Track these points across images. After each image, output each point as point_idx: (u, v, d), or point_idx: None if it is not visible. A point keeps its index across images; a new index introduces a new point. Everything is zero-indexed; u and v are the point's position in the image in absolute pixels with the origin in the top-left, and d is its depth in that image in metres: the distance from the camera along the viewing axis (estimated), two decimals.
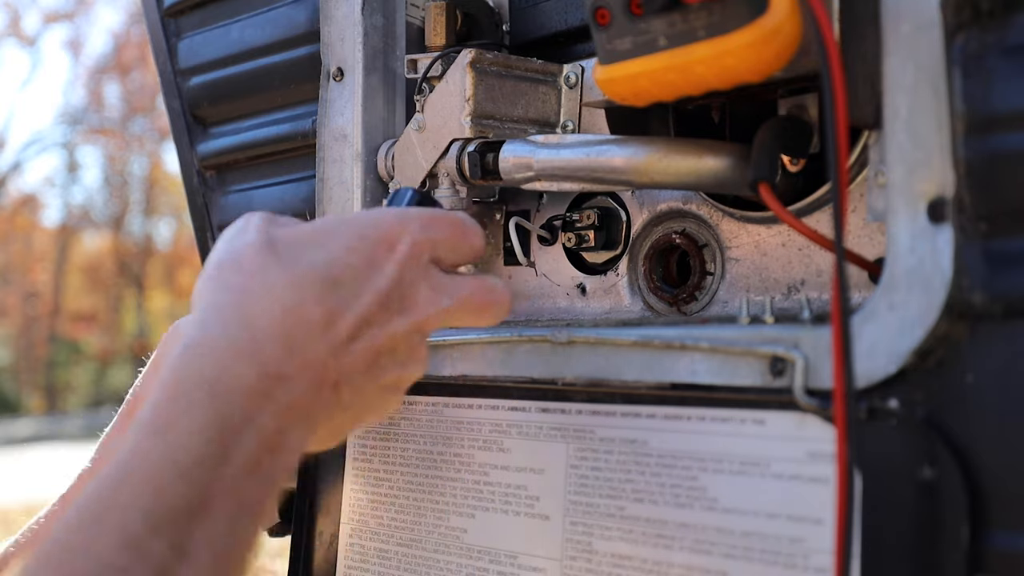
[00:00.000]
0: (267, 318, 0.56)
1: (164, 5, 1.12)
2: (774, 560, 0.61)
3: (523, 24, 0.90)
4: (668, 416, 0.68)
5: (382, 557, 0.85)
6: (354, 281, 0.59)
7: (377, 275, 0.60)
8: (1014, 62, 0.55)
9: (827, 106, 0.56)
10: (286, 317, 0.56)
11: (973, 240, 0.56)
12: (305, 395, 0.56)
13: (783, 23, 0.58)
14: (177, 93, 1.11)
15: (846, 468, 0.55)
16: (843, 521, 0.55)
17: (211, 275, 0.59)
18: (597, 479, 0.71)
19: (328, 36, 0.93)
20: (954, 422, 0.56)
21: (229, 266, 0.58)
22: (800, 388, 0.61)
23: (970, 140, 0.56)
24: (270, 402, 0.54)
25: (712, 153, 0.71)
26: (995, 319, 0.55)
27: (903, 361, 0.58)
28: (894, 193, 0.59)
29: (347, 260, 0.59)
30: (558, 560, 0.73)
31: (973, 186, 0.56)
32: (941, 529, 0.56)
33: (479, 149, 0.82)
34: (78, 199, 18.48)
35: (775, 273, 0.76)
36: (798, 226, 0.64)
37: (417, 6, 0.94)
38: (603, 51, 0.65)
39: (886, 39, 0.59)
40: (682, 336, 0.67)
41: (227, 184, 1.09)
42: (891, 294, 0.58)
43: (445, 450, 0.82)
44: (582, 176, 0.75)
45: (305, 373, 0.56)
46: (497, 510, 0.77)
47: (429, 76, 0.86)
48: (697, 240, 0.81)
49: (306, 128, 0.97)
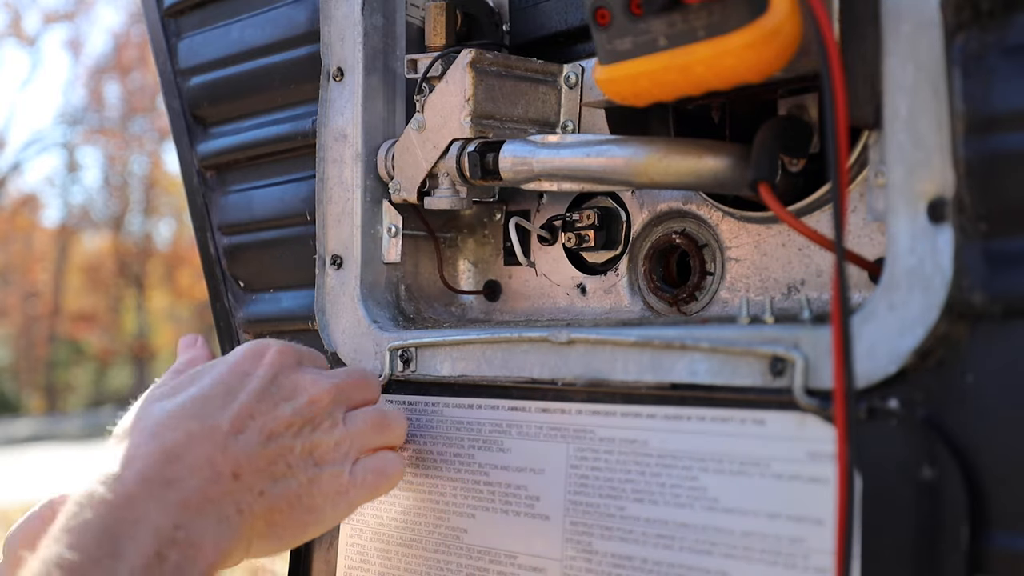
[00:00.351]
0: (142, 439, 0.64)
1: (164, 5, 1.12)
2: (774, 560, 0.61)
3: (523, 24, 0.90)
4: (668, 416, 0.68)
5: (382, 557, 0.85)
6: (226, 394, 0.69)
7: (250, 380, 0.70)
8: (1014, 62, 0.55)
9: (827, 106, 0.56)
10: (160, 434, 0.65)
11: (973, 240, 0.56)
12: (198, 491, 0.62)
13: (783, 23, 0.58)
14: (177, 93, 1.11)
15: (846, 468, 0.55)
16: (843, 521, 0.55)
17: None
18: (597, 479, 0.71)
19: (328, 36, 0.93)
20: (954, 422, 0.56)
21: (126, 419, 0.70)
22: (800, 388, 0.61)
23: (970, 140, 0.56)
24: (159, 503, 0.60)
25: (712, 153, 0.71)
26: (995, 319, 0.55)
27: (903, 361, 0.58)
28: (894, 193, 0.59)
29: (217, 381, 0.70)
30: (558, 560, 0.73)
31: (973, 186, 0.56)
32: (941, 529, 0.56)
33: (479, 149, 0.82)
34: (78, 199, 18.49)
35: (775, 273, 0.76)
36: (798, 226, 0.64)
37: (417, 6, 0.94)
38: (603, 51, 0.65)
39: (886, 39, 0.59)
40: (682, 336, 0.67)
41: (227, 184, 1.09)
42: (891, 294, 0.58)
43: (445, 450, 0.82)
44: (582, 176, 0.75)
45: (194, 473, 0.63)
46: (497, 510, 0.77)
47: (429, 76, 0.86)
48: (697, 240, 0.81)
49: (306, 128, 0.97)
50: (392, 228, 0.92)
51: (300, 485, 0.68)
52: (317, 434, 0.71)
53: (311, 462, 0.70)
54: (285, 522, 0.68)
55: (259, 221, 1.05)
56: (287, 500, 0.68)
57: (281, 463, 0.68)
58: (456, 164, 0.83)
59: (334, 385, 0.73)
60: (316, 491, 0.69)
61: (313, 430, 0.71)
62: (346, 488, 0.71)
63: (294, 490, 0.68)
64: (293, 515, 0.68)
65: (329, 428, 0.71)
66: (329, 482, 0.70)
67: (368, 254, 0.91)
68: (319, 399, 0.72)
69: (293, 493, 0.68)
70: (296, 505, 0.68)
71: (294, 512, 0.68)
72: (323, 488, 0.70)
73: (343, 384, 0.74)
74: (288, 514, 0.68)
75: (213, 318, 1.13)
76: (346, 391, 0.74)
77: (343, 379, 0.75)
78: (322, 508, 0.70)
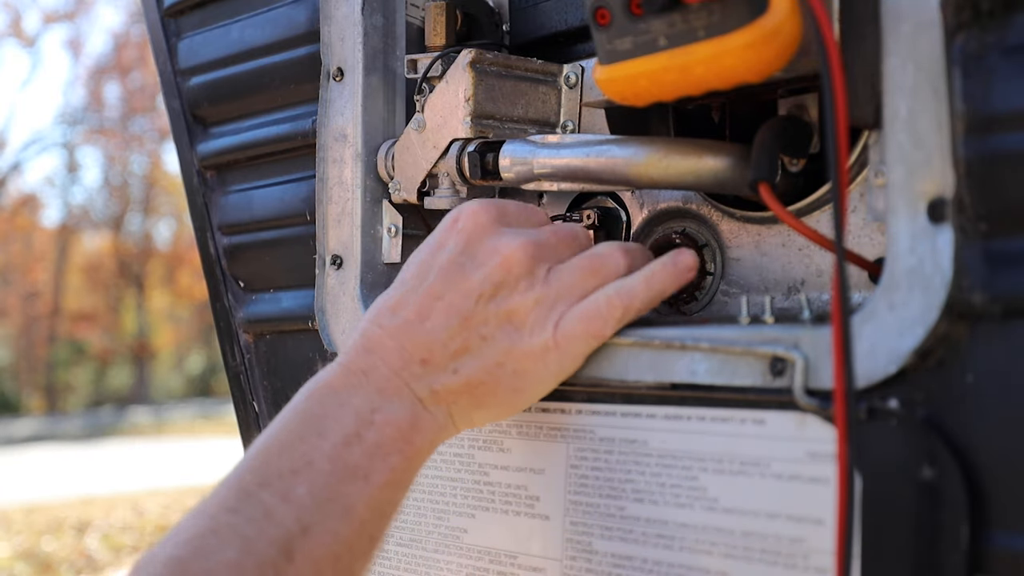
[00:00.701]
0: (356, 333, 0.70)
1: (164, 5, 1.12)
2: (774, 560, 0.61)
3: (523, 24, 0.90)
4: (668, 416, 0.68)
5: (382, 557, 0.85)
6: (419, 277, 0.69)
7: (441, 255, 0.69)
8: (1014, 62, 0.55)
9: (827, 106, 0.56)
10: (365, 329, 0.70)
11: (973, 240, 0.56)
12: (390, 379, 0.67)
13: (783, 23, 0.58)
14: (177, 93, 1.11)
15: (846, 468, 0.55)
16: (843, 521, 0.55)
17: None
18: (597, 479, 0.71)
19: (328, 36, 0.93)
20: (954, 422, 0.56)
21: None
22: (800, 388, 0.61)
23: (970, 140, 0.56)
24: (359, 389, 0.66)
25: (712, 153, 0.71)
26: (995, 319, 0.55)
27: (903, 361, 0.58)
28: (894, 193, 0.59)
29: (416, 264, 0.70)
30: (558, 560, 0.73)
31: (973, 186, 0.56)
32: (941, 529, 0.56)
33: (479, 149, 0.82)
34: (78, 199, 18.49)
35: (775, 273, 0.76)
36: (798, 226, 0.64)
37: (417, 6, 0.94)
38: (603, 51, 0.65)
39: (886, 39, 0.59)
40: (682, 336, 0.67)
41: (227, 184, 1.09)
42: (891, 294, 0.58)
43: (445, 450, 0.82)
44: (582, 176, 0.75)
45: (386, 362, 0.67)
46: (497, 510, 0.77)
47: (429, 76, 0.86)
48: (697, 240, 0.81)
49: (306, 128, 0.97)
50: (392, 228, 0.92)
51: (498, 353, 0.67)
52: (514, 296, 0.67)
53: (510, 328, 0.67)
54: (490, 392, 0.68)
55: (259, 221, 1.05)
56: (485, 371, 0.67)
57: (474, 336, 0.67)
58: (456, 164, 0.83)
59: (531, 242, 0.69)
60: (519, 355, 0.67)
61: (510, 293, 0.67)
62: (553, 344, 0.67)
63: (492, 359, 0.67)
64: (497, 384, 0.68)
65: (526, 288, 0.68)
66: (532, 342, 0.67)
67: (368, 254, 0.91)
68: (512, 260, 0.68)
69: (492, 363, 0.67)
70: (497, 373, 0.67)
71: (497, 381, 0.68)
72: (526, 350, 0.67)
73: (543, 240, 0.70)
74: (490, 384, 0.68)
75: (213, 318, 1.13)
76: (548, 247, 0.70)
77: (545, 236, 0.70)
78: (531, 370, 0.68)
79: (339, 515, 0.62)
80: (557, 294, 0.68)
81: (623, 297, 0.68)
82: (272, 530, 0.59)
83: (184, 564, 0.57)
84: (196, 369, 19.17)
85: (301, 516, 0.60)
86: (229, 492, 0.61)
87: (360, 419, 0.65)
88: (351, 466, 0.63)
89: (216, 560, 0.57)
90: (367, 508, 0.63)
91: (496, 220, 0.70)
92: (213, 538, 0.58)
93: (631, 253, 0.71)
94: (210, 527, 0.58)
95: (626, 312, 0.68)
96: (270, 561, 0.58)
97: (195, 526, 0.59)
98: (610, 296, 0.68)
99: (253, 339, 1.08)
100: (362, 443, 0.64)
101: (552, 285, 0.68)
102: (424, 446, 0.67)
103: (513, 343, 0.67)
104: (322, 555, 0.60)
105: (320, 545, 0.61)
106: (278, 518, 0.60)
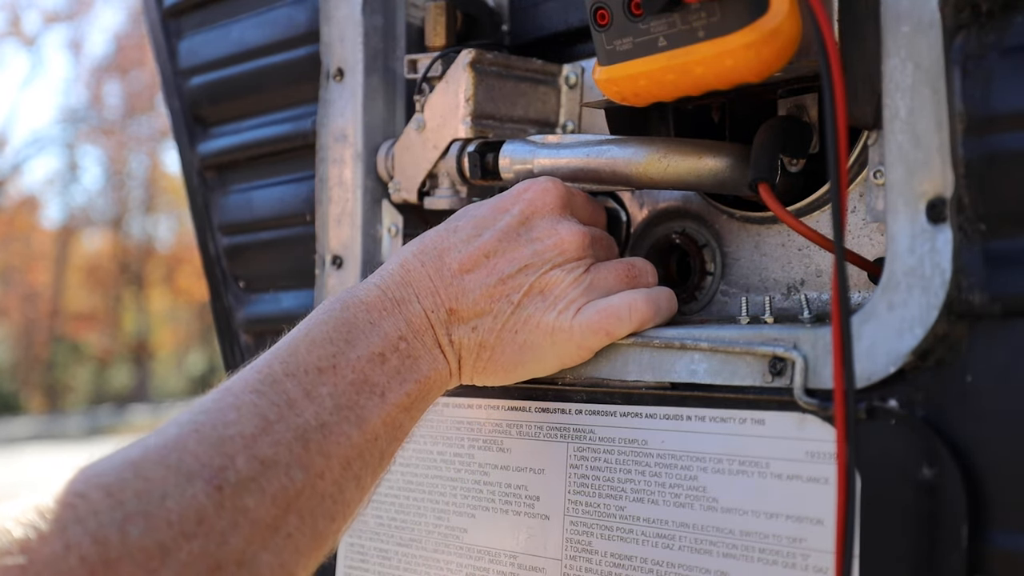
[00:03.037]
0: (398, 260, 0.72)
1: (164, 5, 1.12)
2: (774, 560, 0.61)
3: (523, 24, 0.90)
4: (668, 416, 0.68)
5: (382, 557, 0.85)
6: (474, 229, 0.72)
7: (502, 218, 0.72)
8: (1014, 62, 0.55)
9: (827, 106, 0.56)
10: (407, 261, 0.72)
11: (972, 240, 0.56)
12: (419, 316, 0.69)
13: (783, 23, 0.58)
14: (177, 93, 1.12)
15: (846, 468, 0.55)
16: (843, 521, 0.55)
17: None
18: (597, 479, 0.71)
19: (328, 36, 0.93)
20: (954, 422, 0.56)
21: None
22: (800, 388, 0.61)
23: (970, 140, 0.56)
24: (391, 315, 0.69)
25: (712, 153, 0.71)
26: (994, 319, 0.55)
27: (903, 361, 0.58)
28: (894, 193, 0.59)
29: (475, 217, 0.72)
30: (558, 560, 0.73)
31: (973, 186, 0.56)
32: (941, 529, 0.56)
33: (479, 149, 0.82)
34: (78, 199, 18.48)
35: (775, 273, 0.76)
36: (798, 226, 0.64)
37: (417, 6, 0.94)
38: (603, 51, 0.66)
39: (886, 39, 0.59)
40: (682, 336, 0.67)
41: (227, 184, 1.09)
42: (891, 294, 0.59)
43: (445, 450, 0.82)
44: (582, 176, 0.75)
45: (419, 299, 0.70)
46: (497, 510, 0.77)
47: (429, 76, 0.86)
48: (697, 240, 0.81)
49: (306, 128, 0.97)
50: (392, 228, 0.92)
51: (518, 320, 0.70)
52: (554, 272, 0.70)
53: (539, 299, 0.70)
54: (497, 356, 0.71)
55: (259, 221, 1.05)
56: (496, 334, 0.70)
57: (504, 301, 0.70)
58: (456, 164, 0.83)
59: (587, 234, 0.72)
60: (533, 326, 0.70)
61: (551, 270, 0.70)
62: (568, 326, 0.69)
63: (510, 325, 0.70)
64: (503, 350, 0.70)
65: (568, 271, 0.70)
66: (550, 318, 0.70)
67: (368, 254, 0.91)
68: (566, 244, 0.71)
69: (508, 328, 0.70)
70: (506, 339, 0.70)
71: (504, 346, 0.70)
72: (542, 323, 0.70)
73: (596, 236, 0.73)
74: (498, 348, 0.70)
75: (213, 318, 1.13)
76: (598, 244, 0.73)
77: (598, 234, 0.74)
78: (540, 345, 0.70)
79: (354, 422, 0.64)
80: (591, 284, 0.71)
81: (649, 304, 0.71)
82: (292, 418, 0.62)
83: (200, 428, 0.59)
84: (196, 369, 19.17)
85: (320, 414, 0.63)
86: (256, 376, 0.63)
87: (387, 343, 0.68)
88: (371, 382, 0.66)
89: (234, 431, 0.59)
90: (381, 423, 0.66)
91: (563, 204, 0.73)
92: (234, 413, 0.60)
93: (657, 275, 0.76)
94: (233, 404, 0.61)
95: (643, 322, 0.70)
96: (285, 443, 0.60)
97: (219, 400, 0.61)
98: (635, 300, 0.70)
99: (253, 339, 1.08)
100: (385, 364, 0.67)
101: (590, 276, 0.71)
102: (434, 387, 0.70)
103: (534, 314, 0.70)
104: (334, 453, 0.63)
105: (334, 444, 0.63)
106: (299, 408, 0.62)
